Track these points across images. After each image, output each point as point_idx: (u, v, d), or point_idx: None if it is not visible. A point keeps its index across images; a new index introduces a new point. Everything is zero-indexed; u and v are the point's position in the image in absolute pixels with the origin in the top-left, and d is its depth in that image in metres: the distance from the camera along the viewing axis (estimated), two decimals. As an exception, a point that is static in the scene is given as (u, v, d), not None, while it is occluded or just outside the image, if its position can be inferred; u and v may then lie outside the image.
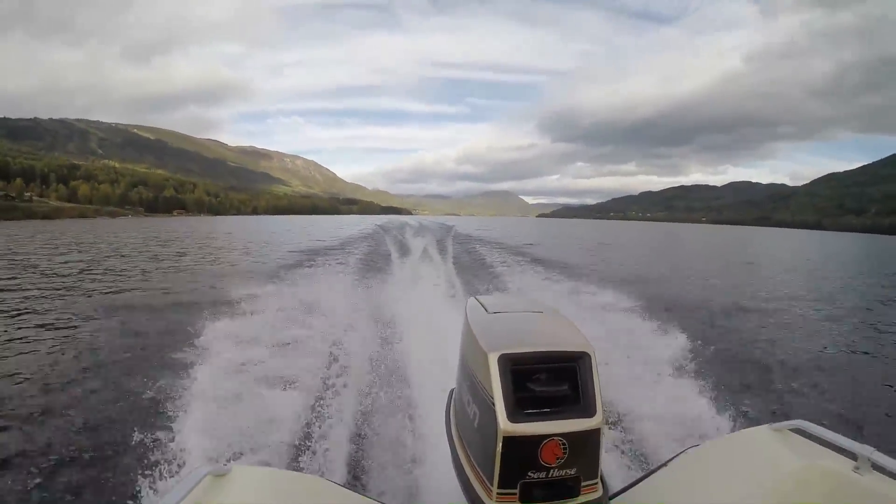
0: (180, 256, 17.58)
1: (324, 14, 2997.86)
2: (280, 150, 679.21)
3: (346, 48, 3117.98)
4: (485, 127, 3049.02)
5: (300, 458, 2.79)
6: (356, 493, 1.57)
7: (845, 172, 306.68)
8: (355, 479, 2.70)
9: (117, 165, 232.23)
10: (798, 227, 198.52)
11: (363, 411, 3.41)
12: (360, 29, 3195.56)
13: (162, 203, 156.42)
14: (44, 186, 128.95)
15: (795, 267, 21.16)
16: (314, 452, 2.85)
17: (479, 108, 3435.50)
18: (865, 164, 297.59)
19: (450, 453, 1.44)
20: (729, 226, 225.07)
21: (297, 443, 2.93)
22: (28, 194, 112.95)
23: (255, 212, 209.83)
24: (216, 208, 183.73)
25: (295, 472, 2.02)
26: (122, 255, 17.46)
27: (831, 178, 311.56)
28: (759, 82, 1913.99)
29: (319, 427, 3.12)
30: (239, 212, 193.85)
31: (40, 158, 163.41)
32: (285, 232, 36.47)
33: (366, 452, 2.93)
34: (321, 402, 3.49)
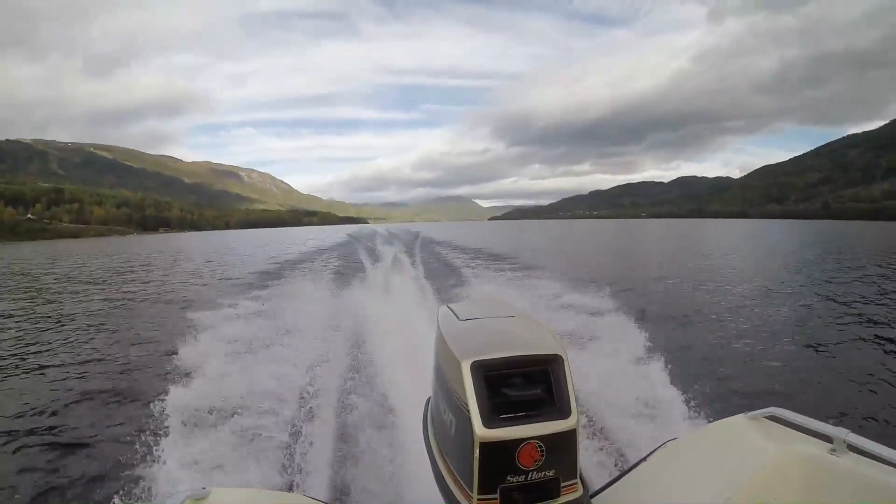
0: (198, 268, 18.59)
1: (282, 24, 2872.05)
2: (234, 164, 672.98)
3: (303, 58, 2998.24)
4: (440, 132, 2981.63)
5: (281, 477, 2.76)
6: None
7: (777, 164, 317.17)
8: (337, 494, 2.67)
9: (95, 189, 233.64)
10: (727, 217, 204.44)
11: (342, 424, 3.39)
12: (316, 38, 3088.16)
13: (151, 222, 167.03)
14: (53, 208, 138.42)
15: (729, 254, 21.47)
16: (296, 470, 2.83)
17: (435, 113, 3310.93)
18: (798, 154, 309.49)
19: (429, 462, 1.41)
20: (665, 219, 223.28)
21: (277, 461, 2.90)
22: (47, 219, 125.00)
23: (227, 226, 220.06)
24: (196, 224, 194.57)
25: (275, 492, 1.99)
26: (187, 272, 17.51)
27: (765, 169, 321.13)
28: (708, 80, 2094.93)
29: (298, 444, 3.10)
30: (214, 227, 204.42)
31: (10, 182, 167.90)
32: (271, 243, 37.71)
33: (347, 466, 2.90)
34: (299, 418, 3.44)
